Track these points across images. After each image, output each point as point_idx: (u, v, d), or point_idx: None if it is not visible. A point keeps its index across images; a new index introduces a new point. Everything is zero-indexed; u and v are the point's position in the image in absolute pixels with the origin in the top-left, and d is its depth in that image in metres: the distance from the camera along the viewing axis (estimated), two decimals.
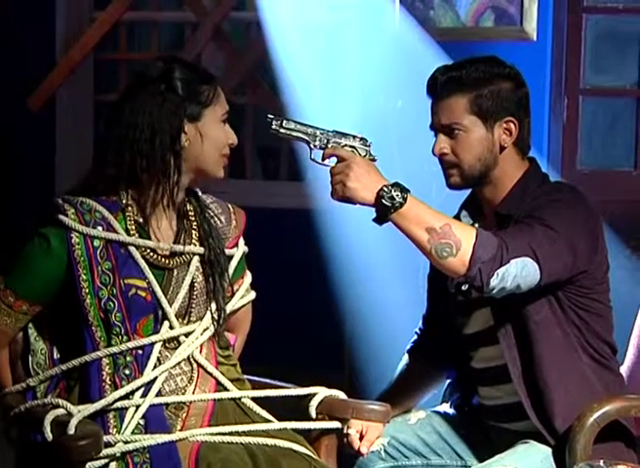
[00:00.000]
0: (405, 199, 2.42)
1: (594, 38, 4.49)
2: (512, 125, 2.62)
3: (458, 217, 2.73)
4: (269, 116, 2.50)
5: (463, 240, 2.42)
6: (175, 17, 5.53)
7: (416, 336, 2.88)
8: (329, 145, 2.49)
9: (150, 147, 2.38)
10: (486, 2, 4.34)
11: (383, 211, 2.42)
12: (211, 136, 2.42)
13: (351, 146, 2.49)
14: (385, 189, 2.41)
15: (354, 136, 2.51)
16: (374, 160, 2.50)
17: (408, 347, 2.88)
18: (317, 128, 2.50)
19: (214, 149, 2.43)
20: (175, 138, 2.39)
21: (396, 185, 2.43)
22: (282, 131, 2.49)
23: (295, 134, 2.50)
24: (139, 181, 2.40)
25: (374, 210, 2.44)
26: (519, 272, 2.45)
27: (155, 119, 2.37)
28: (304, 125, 2.50)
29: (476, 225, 2.70)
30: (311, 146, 2.50)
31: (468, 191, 2.74)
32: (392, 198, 2.41)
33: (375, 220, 2.46)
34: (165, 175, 2.39)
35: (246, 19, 5.27)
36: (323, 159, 2.50)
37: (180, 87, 2.39)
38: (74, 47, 5.10)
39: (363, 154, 2.49)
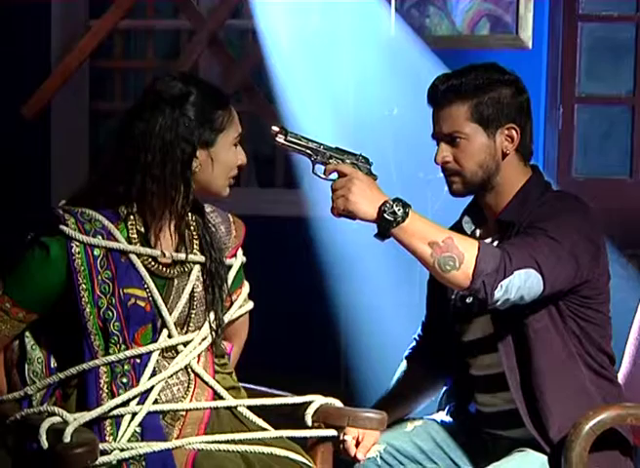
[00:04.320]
0: (407, 214, 2.42)
1: (589, 46, 4.51)
2: (514, 131, 2.62)
3: (460, 223, 2.74)
4: (274, 129, 2.50)
5: (466, 253, 2.42)
6: (170, 25, 5.54)
7: (414, 343, 2.88)
8: (331, 161, 2.50)
9: (161, 172, 2.37)
10: (481, 10, 4.36)
11: (385, 226, 2.43)
12: (222, 161, 2.42)
13: (353, 164, 2.51)
14: (387, 204, 2.42)
15: (356, 155, 2.53)
16: (375, 179, 2.51)
17: (406, 353, 2.88)
18: (320, 143, 2.51)
19: (223, 173, 2.43)
20: (185, 165, 2.38)
21: (398, 200, 2.43)
22: (286, 144, 2.50)
23: (298, 148, 2.51)
24: (147, 202, 2.39)
25: (375, 225, 2.44)
26: (523, 283, 2.45)
27: (168, 144, 2.36)
28: (308, 140, 2.52)
29: (478, 231, 2.71)
30: (313, 160, 2.51)
31: (464, 199, 2.75)
32: (394, 213, 2.42)
33: (376, 236, 2.46)
34: (174, 198, 2.39)
35: (241, 27, 5.29)
36: (325, 174, 2.51)
37: (194, 113, 2.38)
38: (70, 55, 5.10)
39: (364, 172, 2.50)
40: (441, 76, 2.66)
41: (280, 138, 2.49)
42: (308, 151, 2.51)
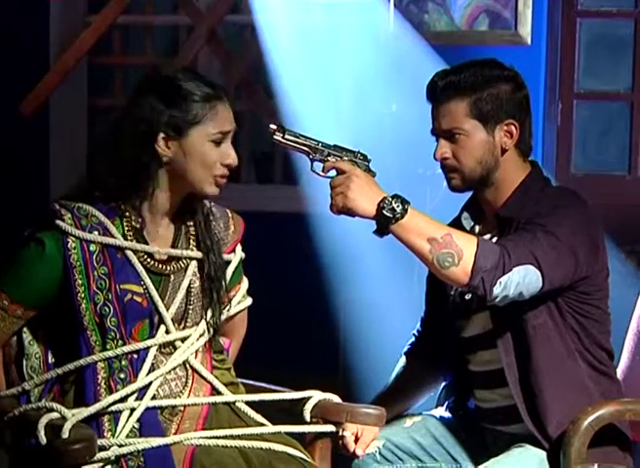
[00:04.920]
0: (406, 210, 2.42)
1: (588, 42, 4.51)
2: (513, 127, 2.62)
3: (459, 219, 2.74)
4: (272, 126, 2.50)
5: (465, 249, 2.42)
6: (169, 20, 5.53)
7: (413, 338, 2.88)
8: (329, 158, 2.50)
9: (121, 151, 2.36)
10: (480, 6, 4.35)
11: (384, 222, 2.43)
12: (195, 155, 2.38)
13: (351, 161, 2.51)
14: (386, 201, 2.42)
15: (354, 152, 2.53)
16: (373, 176, 2.51)
17: (405, 349, 2.88)
18: (318, 141, 2.51)
19: (199, 168, 2.39)
20: (144, 146, 2.35)
21: (396, 197, 2.43)
22: (284, 142, 2.50)
23: (296, 145, 2.51)
24: (116, 186, 2.38)
25: (374, 222, 2.45)
26: (522, 280, 2.45)
27: (131, 124, 2.35)
28: (306, 137, 2.52)
29: (477, 227, 2.71)
30: (311, 158, 2.51)
31: (463, 195, 2.75)
32: (393, 209, 2.42)
33: (375, 232, 2.47)
34: (144, 180, 2.37)
35: (240, 23, 5.28)
36: (323, 171, 2.51)
37: (168, 98, 2.36)
38: (68, 51, 5.09)
39: (363, 169, 2.50)
40: (440, 72, 2.66)
41: (278, 136, 2.50)
42: (306, 149, 2.51)
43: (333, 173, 2.50)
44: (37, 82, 5.08)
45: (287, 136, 2.50)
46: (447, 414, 2.83)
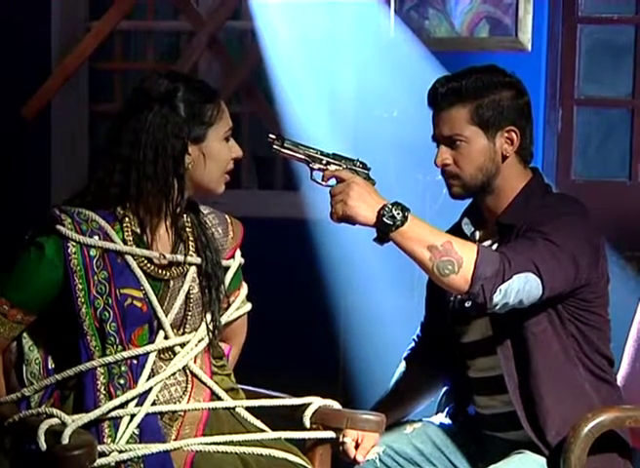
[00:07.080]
0: (406, 217, 2.43)
1: (589, 48, 4.51)
2: (514, 134, 2.62)
3: (459, 225, 2.74)
4: (271, 136, 2.51)
5: (465, 257, 2.43)
6: (170, 26, 5.53)
7: (413, 344, 2.88)
8: (329, 167, 2.51)
9: (154, 170, 2.37)
10: (481, 12, 4.36)
11: (384, 229, 2.43)
12: (214, 156, 2.42)
13: (351, 169, 2.51)
14: (386, 208, 2.43)
15: (353, 160, 2.53)
16: (373, 184, 2.51)
17: (405, 354, 2.88)
18: (317, 150, 2.53)
19: (217, 168, 2.43)
20: (178, 161, 2.39)
21: (397, 204, 2.44)
22: (283, 151, 2.51)
23: (295, 155, 2.52)
24: (143, 201, 2.40)
25: (374, 229, 2.45)
26: (522, 287, 2.45)
27: (159, 141, 2.37)
28: (305, 146, 2.53)
29: (477, 234, 2.71)
30: (311, 167, 2.52)
31: (463, 201, 2.75)
32: (393, 217, 2.42)
33: (376, 240, 2.47)
34: (168, 195, 2.40)
35: (241, 29, 5.29)
36: (323, 180, 2.51)
37: (183, 108, 2.38)
38: (70, 56, 5.10)
39: (362, 177, 2.51)
40: (441, 78, 2.66)
41: (277, 146, 2.51)
42: (305, 158, 2.52)
43: (333, 181, 2.51)
44: (39, 86, 5.09)
45: (286, 146, 2.51)
46: (447, 421, 2.83)
